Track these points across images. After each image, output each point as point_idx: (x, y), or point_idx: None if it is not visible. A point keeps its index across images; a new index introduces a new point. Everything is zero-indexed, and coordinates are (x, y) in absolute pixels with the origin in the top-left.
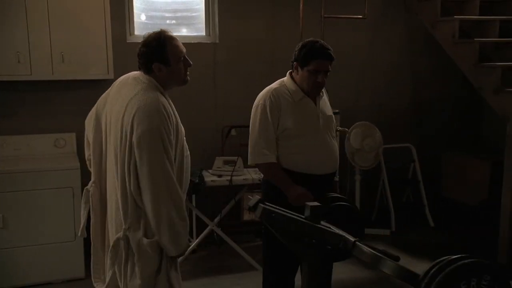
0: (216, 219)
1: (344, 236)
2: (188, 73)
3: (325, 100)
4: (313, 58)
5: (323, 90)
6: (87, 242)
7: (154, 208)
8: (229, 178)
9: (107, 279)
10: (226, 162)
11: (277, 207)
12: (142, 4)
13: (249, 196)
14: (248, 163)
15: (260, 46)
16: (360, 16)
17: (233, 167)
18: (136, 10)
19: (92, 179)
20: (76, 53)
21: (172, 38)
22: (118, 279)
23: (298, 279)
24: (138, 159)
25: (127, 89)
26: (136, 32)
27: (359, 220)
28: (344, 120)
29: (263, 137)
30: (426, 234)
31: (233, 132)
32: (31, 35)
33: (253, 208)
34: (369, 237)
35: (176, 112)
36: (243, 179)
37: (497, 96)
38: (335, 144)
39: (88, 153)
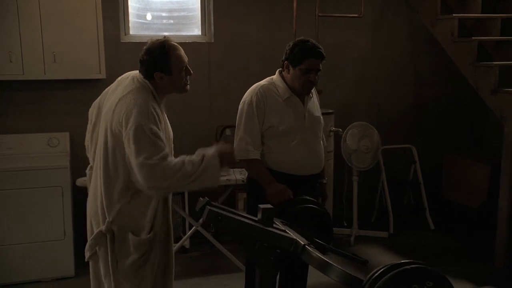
0: (201, 220)
1: (295, 239)
2: (188, 82)
3: (314, 101)
4: (305, 57)
5: (313, 90)
6: (77, 241)
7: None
8: None
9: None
10: None
11: (228, 210)
12: (138, 4)
13: (200, 198)
14: None
15: (255, 45)
16: (356, 15)
17: None
18: (131, 10)
19: (90, 163)
20: (68, 53)
21: (175, 48)
22: (102, 271)
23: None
24: (129, 154)
25: (122, 87)
26: (132, 32)
27: (328, 224)
28: (341, 120)
29: (248, 133)
30: (426, 237)
31: (227, 132)
32: (23, 35)
33: (200, 211)
34: (367, 239)
35: (166, 119)
36: (227, 179)
37: (495, 96)
38: (321, 146)
39: (87, 139)
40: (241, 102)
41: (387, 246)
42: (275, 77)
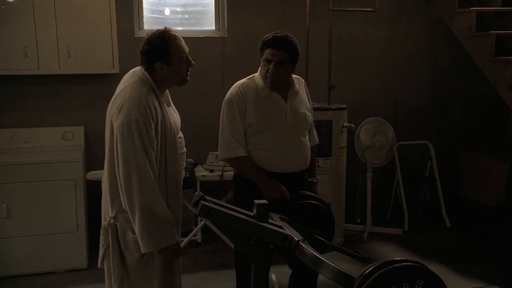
0: None
1: (290, 235)
2: (188, 73)
3: (301, 97)
4: (265, 48)
5: (303, 86)
6: (89, 233)
7: (127, 200)
8: (220, 173)
9: (99, 260)
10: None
11: (222, 205)
12: None
13: (195, 193)
14: (218, 158)
15: None
16: (371, 9)
17: (225, 162)
18: (147, 5)
19: None
20: (82, 48)
21: (175, 38)
22: (105, 266)
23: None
24: (115, 149)
25: (123, 81)
26: (146, 27)
27: (329, 219)
28: (357, 115)
29: (232, 131)
30: (441, 235)
31: None
32: (39, 30)
33: (195, 205)
34: (381, 236)
35: (166, 111)
36: None
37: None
38: (306, 142)
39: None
40: (223, 101)
41: (401, 244)
42: (257, 74)
